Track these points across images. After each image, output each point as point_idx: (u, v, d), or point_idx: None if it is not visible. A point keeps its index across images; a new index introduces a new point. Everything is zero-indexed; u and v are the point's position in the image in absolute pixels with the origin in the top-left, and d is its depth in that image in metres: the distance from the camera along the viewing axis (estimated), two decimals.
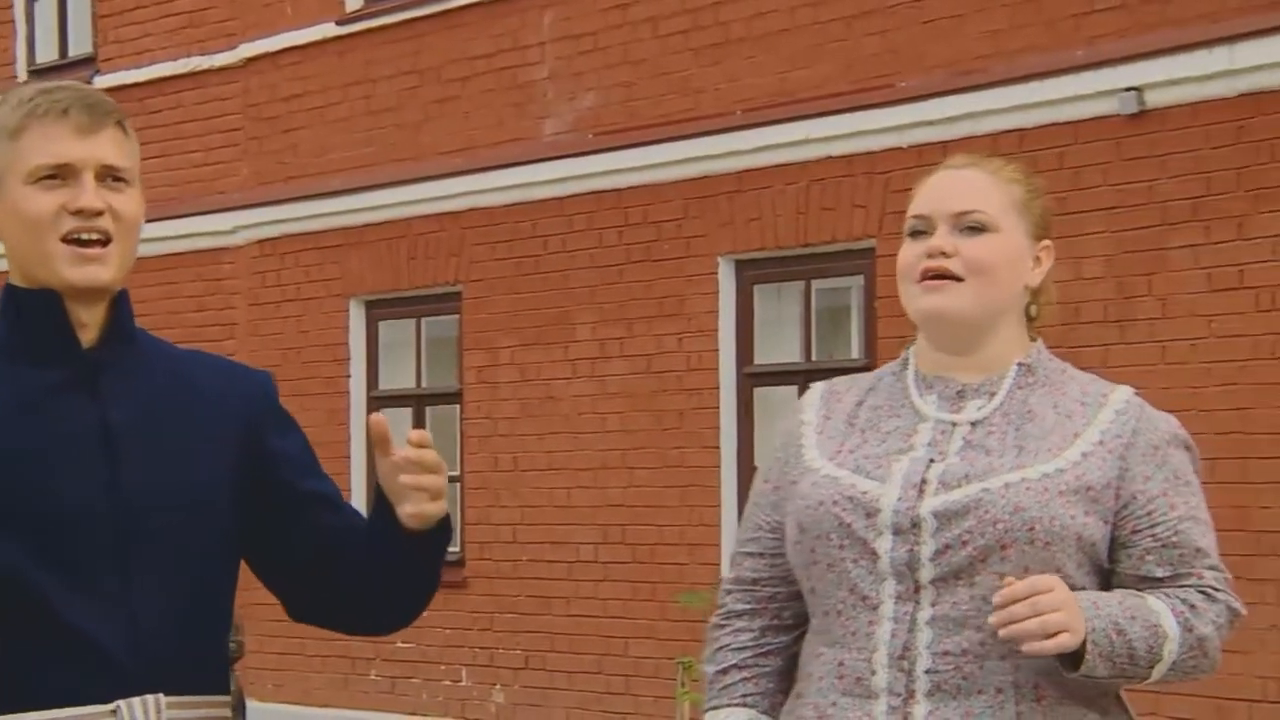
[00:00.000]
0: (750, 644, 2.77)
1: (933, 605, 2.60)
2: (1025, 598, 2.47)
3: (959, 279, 2.67)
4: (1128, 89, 9.07)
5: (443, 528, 2.57)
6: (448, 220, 12.15)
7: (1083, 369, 2.79)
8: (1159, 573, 2.65)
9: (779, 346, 10.79)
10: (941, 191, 2.74)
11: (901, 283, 2.74)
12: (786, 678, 2.76)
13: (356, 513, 2.66)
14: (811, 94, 10.37)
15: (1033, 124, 9.47)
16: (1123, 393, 2.71)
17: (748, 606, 2.78)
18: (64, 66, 14.09)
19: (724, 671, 2.77)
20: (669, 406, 11.00)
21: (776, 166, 10.51)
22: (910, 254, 2.72)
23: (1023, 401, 2.68)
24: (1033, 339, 2.77)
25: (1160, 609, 2.60)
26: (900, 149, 9.85)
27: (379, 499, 2.57)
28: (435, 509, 2.52)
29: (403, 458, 2.48)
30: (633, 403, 11.15)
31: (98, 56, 13.96)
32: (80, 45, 14.23)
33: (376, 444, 2.50)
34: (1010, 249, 2.71)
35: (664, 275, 11.03)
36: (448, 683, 12.08)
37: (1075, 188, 9.28)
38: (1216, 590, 2.67)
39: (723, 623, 2.80)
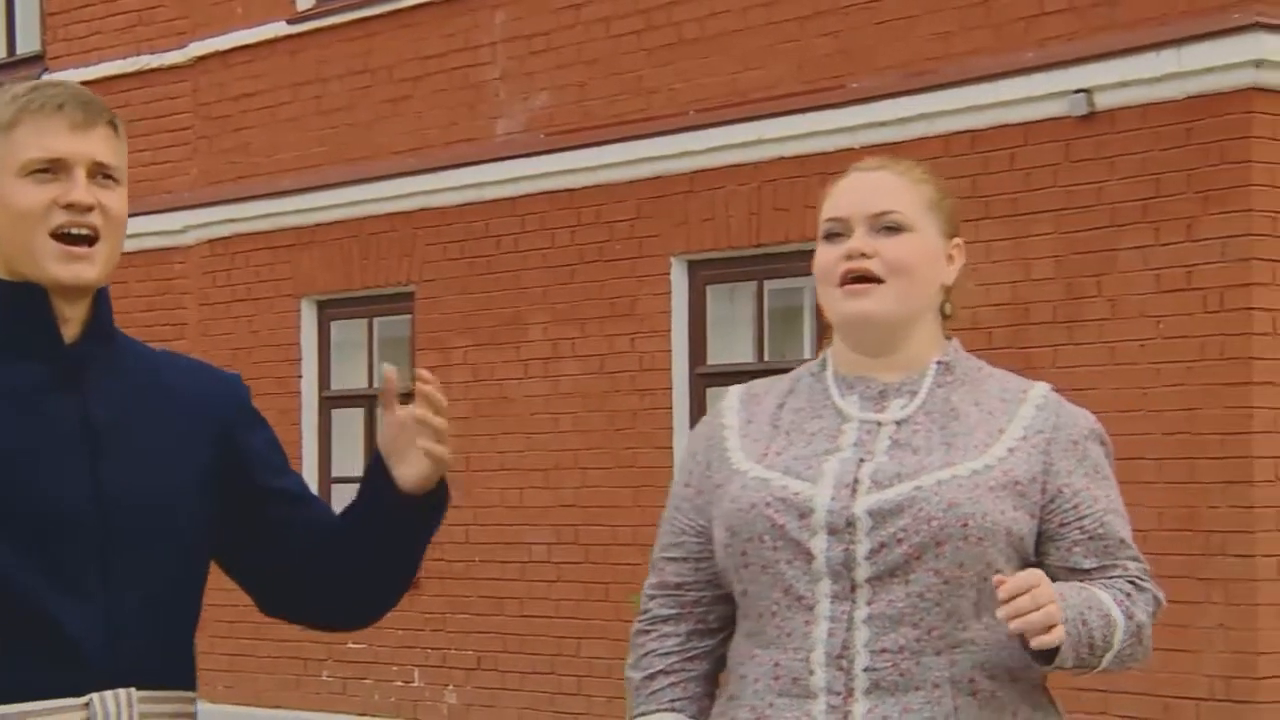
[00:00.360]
0: (676, 649, 2.79)
1: (869, 604, 2.64)
2: (1025, 592, 2.50)
3: (880, 280, 2.72)
4: (1077, 91, 9.18)
5: (440, 490, 2.60)
6: (400, 220, 12.20)
7: (1033, 370, 2.84)
8: (1086, 564, 2.70)
9: (732, 347, 10.87)
10: (856, 193, 2.77)
11: (821, 286, 2.77)
12: (713, 682, 2.81)
13: (327, 506, 2.71)
14: (764, 94, 10.46)
15: (984, 125, 9.57)
16: (1040, 388, 2.76)
17: (673, 611, 2.80)
18: (12, 64, 14.08)
19: (650, 677, 2.79)
20: (621, 407, 11.07)
21: (729, 167, 10.59)
22: (829, 257, 2.76)
23: (945, 400, 2.73)
24: (947, 337, 2.81)
25: (1106, 599, 2.65)
26: (853, 150, 9.93)
27: (375, 465, 2.61)
28: (441, 451, 2.56)
29: (417, 391, 2.54)
30: (585, 403, 11.22)
31: (46, 54, 13.95)
32: (28, 43, 14.22)
33: (385, 396, 2.54)
34: (927, 248, 2.75)
35: (617, 275, 11.10)
36: (400, 683, 12.13)
37: (1025, 189, 9.39)
38: (1142, 580, 2.73)
39: (648, 628, 2.82)
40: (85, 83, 13.23)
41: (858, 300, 2.72)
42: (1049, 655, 2.59)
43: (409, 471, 2.59)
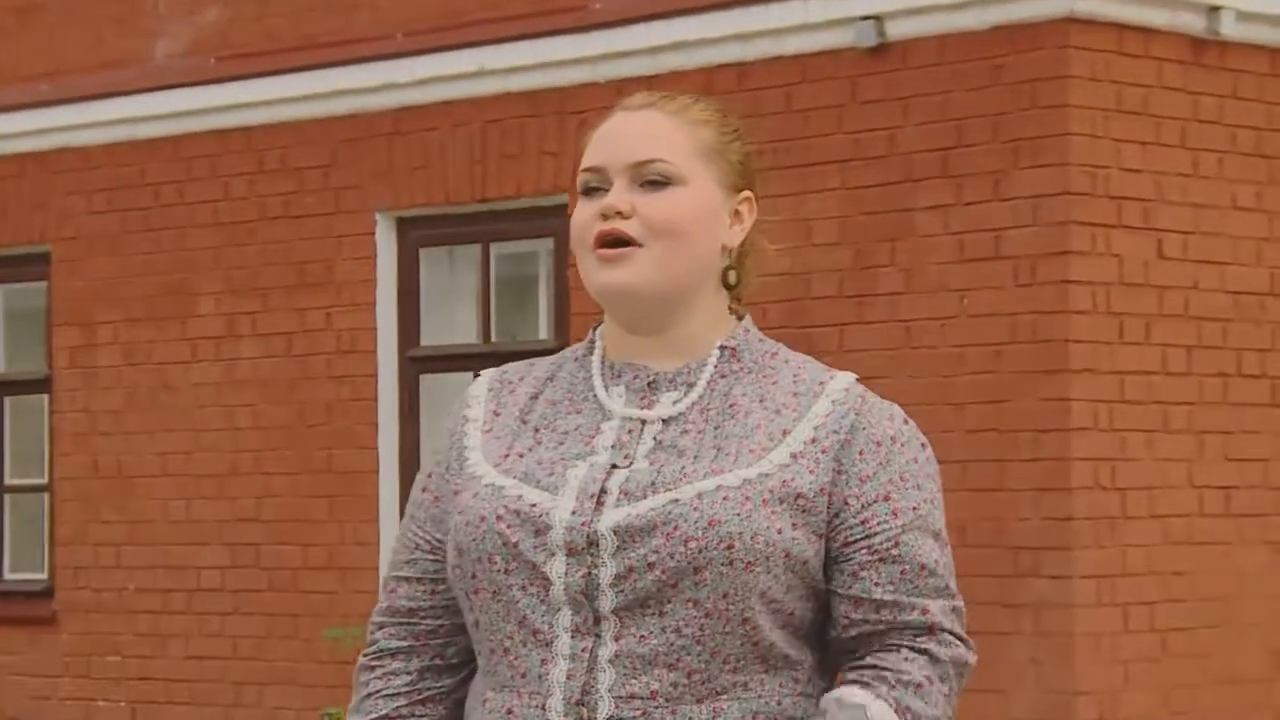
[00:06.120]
0: (405, 689, 2.89)
1: (616, 640, 2.73)
2: None
3: (638, 244, 2.81)
4: (864, 18, 9.58)
5: None
6: (31, 163, 12.25)
7: (814, 353, 2.99)
8: (879, 594, 2.78)
9: (451, 325, 11.11)
10: (617, 138, 2.85)
11: (578, 251, 2.86)
12: None
13: None
14: (487, 15, 10.70)
15: (753, 57, 9.93)
16: (842, 380, 2.86)
17: (404, 643, 2.89)
18: None
19: None
20: (314, 397, 11.26)
21: (445, 103, 10.83)
22: (584, 215, 2.84)
23: (725, 394, 2.83)
24: (738, 315, 2.91)
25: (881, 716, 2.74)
26: (596, 84, 10.23)
27: None
28: None
29: None
30: (268, 393, 11.39)
31: None
32: None
33: None
34: (700, 204, 2.84)
35: (307, 235, 11.29)
36: None
37: (804, 135, 9.78)
38: (939, 639, 2.82)
39: (373, 664, 2.91)
40: None
41: (613, 268, 2.81)
42: None
43: None
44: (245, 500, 11.45)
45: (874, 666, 2.78)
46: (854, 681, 2.79)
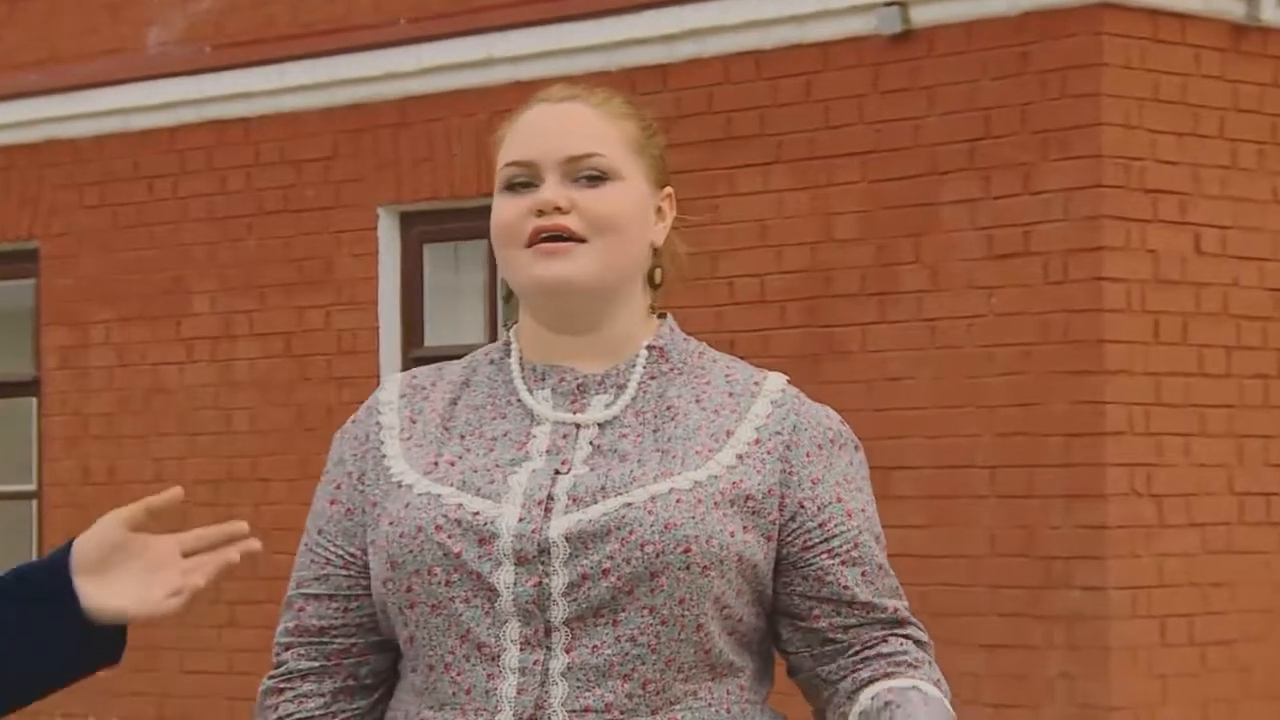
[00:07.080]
0: (319, 712, 2.89)
1: (568, 651, 2.74)
2: None
3: (581, 240, 2.81)
4: (888, 4, 9.55)
5: (120, 634, 2.74)
6: (20, 155, 12.23)
7: (838, 355, 2.97)
8: (849, 596, 2.83)
9: (456, 324, 11.10)
10: (546, 132, 2.85)
11: (503, 248, 2.85)
12: None
13: None
14: (492, 1, 10.66)
15: (772, 45, 9.91)
16: (776, 380, 2.89)
17: (314, 664, 2.89)
18: None
19: None
20: (314, 400, 11.23)
21: (450, 93, 10.80)
22: (512, 212, 2.83)
23: (659, 395, 2.85)
24: (660, 315, 2.94)
25: (933, 694, 2.80)
26: (609, 73, 10.20)
27: (56, 566, 2.72)
28: (173, 605, 2.76)
29: (220, 536, 2.73)
30: (267, 395, 11.37)
31: None
32: None
33: (149, 508, 2.68)
34: (636, 199, 2.86)
35: (307, 230, 11.27)
36: None
37: (825, 126, 9.75)
38: (911, 630, 2.88)
39: (282, 686, 2.90)
40: None
41: (554, 262, 2.80)
42: None
43: (107, 597, 2.71)
44: (242, 507, 11.43)
45: (879, 656, 2.84)
46: (873, 679, 2.82)
